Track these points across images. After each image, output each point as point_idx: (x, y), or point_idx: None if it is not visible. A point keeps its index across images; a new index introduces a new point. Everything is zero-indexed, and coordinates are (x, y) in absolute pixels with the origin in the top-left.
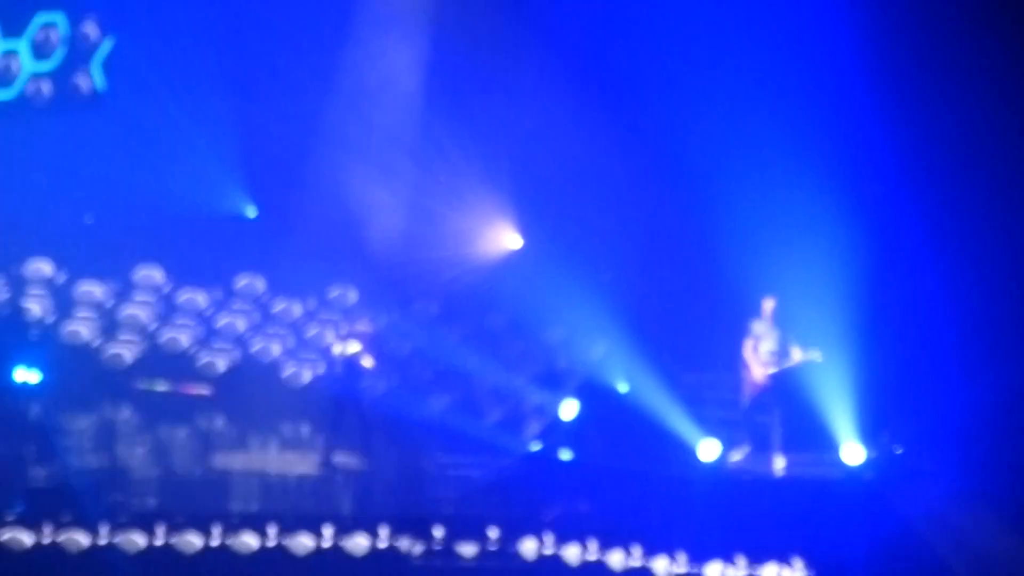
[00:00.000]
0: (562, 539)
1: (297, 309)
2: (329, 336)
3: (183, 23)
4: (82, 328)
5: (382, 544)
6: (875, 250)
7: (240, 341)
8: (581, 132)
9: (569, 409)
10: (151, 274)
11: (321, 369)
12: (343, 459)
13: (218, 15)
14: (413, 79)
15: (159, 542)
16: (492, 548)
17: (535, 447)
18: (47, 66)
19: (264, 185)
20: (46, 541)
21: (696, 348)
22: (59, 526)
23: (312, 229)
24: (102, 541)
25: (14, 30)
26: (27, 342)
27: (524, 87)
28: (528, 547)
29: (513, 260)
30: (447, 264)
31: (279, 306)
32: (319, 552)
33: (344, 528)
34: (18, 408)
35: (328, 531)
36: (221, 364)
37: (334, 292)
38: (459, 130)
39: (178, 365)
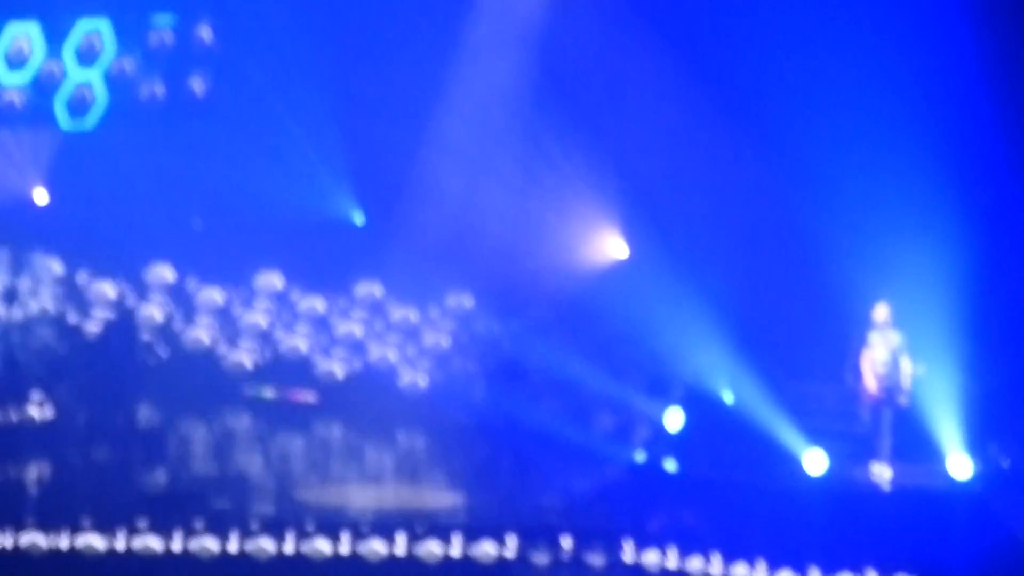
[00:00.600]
0: (665, 550)
1: (413, 316)
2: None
3: (292, 27)
4: (203, 334)
5: (508, 553)
6: (986, 255)
7: (357, 348)
8: (689, 138)
9: (674, 419)
10: (271, 280)
11: (437, 377)
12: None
13: (328, 20)
14: (522, 84)
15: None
16: (598, 559)
17: (640, 457)
18: (159, 70)
19: (372, 191)
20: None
21: (803, 357)
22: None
23: (421, 236)
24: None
25: (128, 34)
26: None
27: (633, 93)
28: (630, 557)
29: (620, 269)
30: (554, 272)
31: (396, 313)
32: (447, 560)
33: (472, 536)
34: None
35: (457, 538)
36: (339, 371)
37: (451, 300)
38: (567, 137)
39: (295, 372)
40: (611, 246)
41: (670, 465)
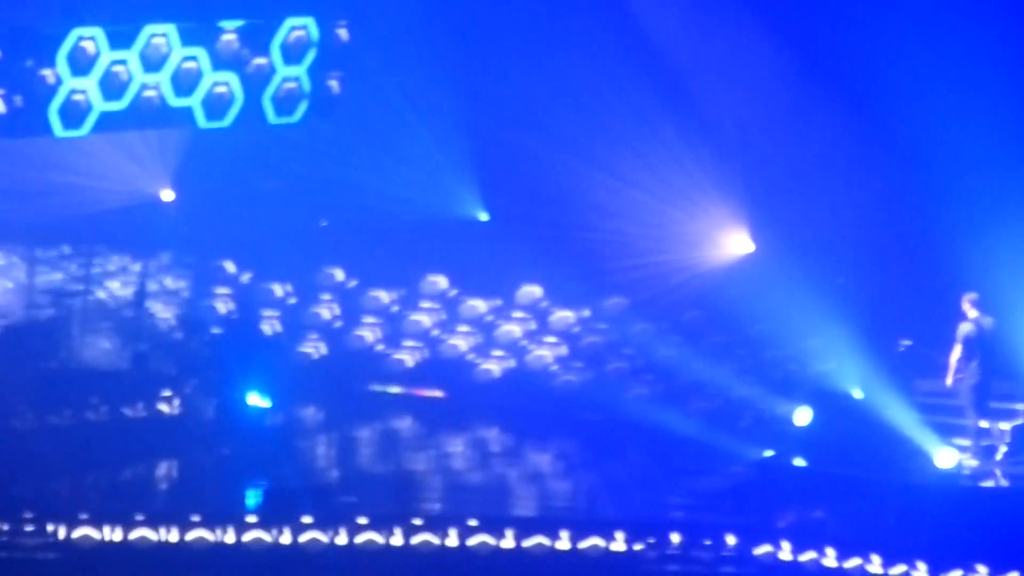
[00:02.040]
0: (798, 546)
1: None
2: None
3: (417, 28)
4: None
5: (617, 547)
6: None
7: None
8: (814, 134)
9: (803, 416)
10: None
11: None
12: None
13: (451, 22)
14: (644, 81)
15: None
16: (727, 553)
17: (769, 454)
18: (297, 71)
19: (497, 190)
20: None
21: (931, 354)
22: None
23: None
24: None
25: (261, 36)
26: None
27: (756, 90)
28: (763, 553)
29: (745, 265)
30: (682, 271)
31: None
32: (554, 554)
33: (581, 532)
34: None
35: (564, 533)
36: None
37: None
38: (691, 133)
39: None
40: (737, 241)
41: (799, 462)
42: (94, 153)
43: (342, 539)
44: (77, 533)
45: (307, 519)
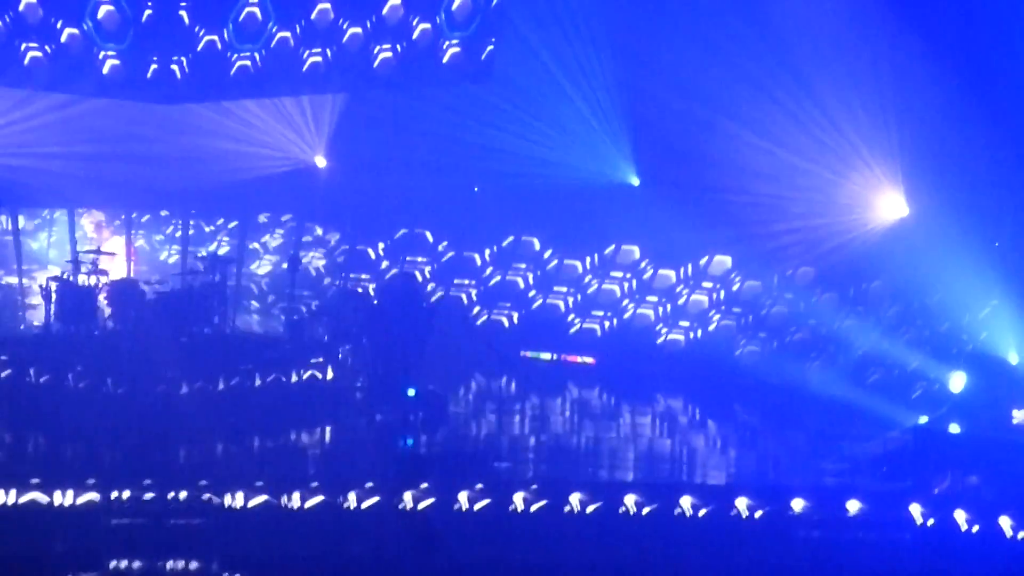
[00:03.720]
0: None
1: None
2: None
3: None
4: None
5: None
6: None
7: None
8: (971, 99)
9: (958, 381)
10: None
11: (697, 335)
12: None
13: None
14: (799, 42)
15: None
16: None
17: (923, 420)
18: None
19: (650, 154)
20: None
21: None
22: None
23: (696, 197)
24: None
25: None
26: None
27: (912, 52)
28: (914, 512)
29: (901, 228)
30: (831, 231)
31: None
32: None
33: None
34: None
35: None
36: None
37: (704, 260)
38: (847, 96)
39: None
40: (893, 204)
41: (954, 428)
42: (249, 120)
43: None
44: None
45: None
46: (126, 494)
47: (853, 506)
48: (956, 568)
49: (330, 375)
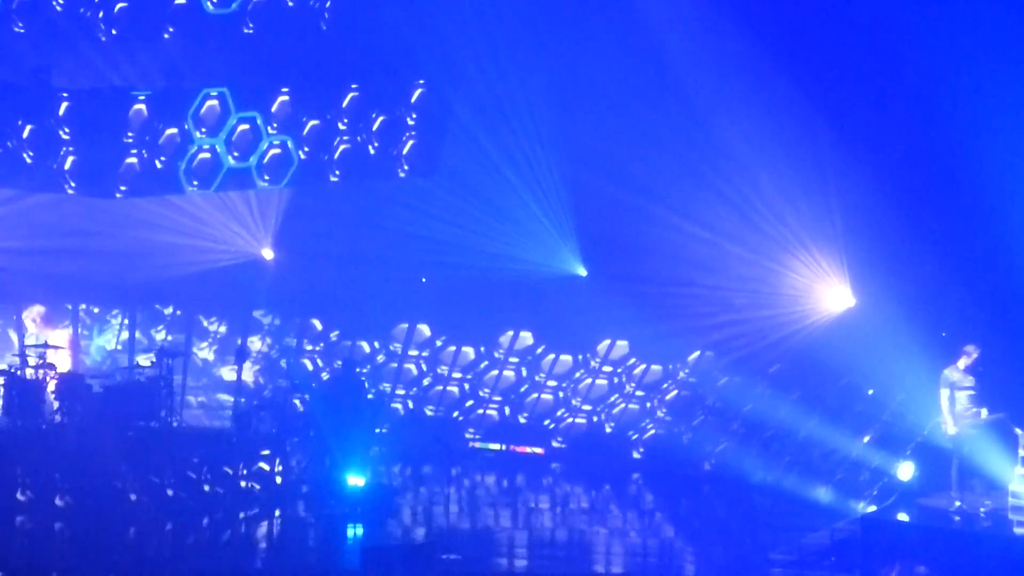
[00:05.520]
0: None
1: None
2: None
3: (514, 86)
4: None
5: None
6: None
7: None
8: (915, 185)
9: (906, 471)
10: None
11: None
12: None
13: (548, 79)
14: (744, 134)
15: None
16: None
17: (870, 509)
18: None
19: (596, 245)
20: None
21: None
22: None
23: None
24: None
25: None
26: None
27: (854, 139)
28: None
29: (847, 319)
30: (782, 324)
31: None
32: None
33: None
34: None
35: None
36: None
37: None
38: (789, 188)
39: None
40: (838, 295)
41: (902, 516)
42: (196, 213)
43: None
44: None
45: None
46: None
47: None
48: None
49: (278, 467)
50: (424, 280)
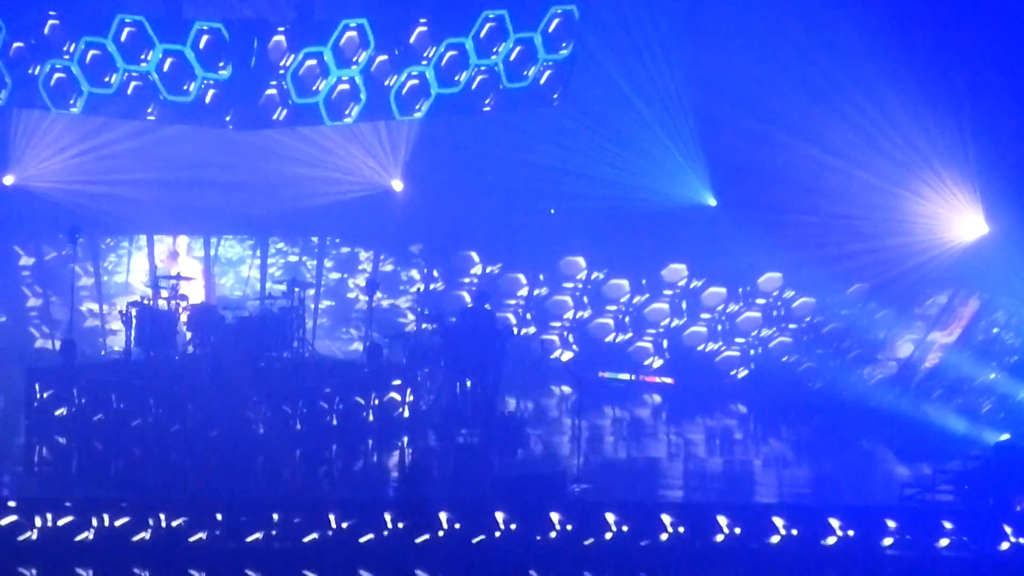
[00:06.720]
0: None
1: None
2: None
3: (645, 14)
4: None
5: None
6: None
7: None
8: None
9: None
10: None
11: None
12: None
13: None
14: (873, 60)
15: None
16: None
17: (1004, 437)
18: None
19: (725, 174)
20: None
21: None
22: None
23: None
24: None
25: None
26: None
27: (988, 64)
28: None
29: (980, 247)
30: (913, 250)
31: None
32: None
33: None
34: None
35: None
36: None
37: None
38: (920, 111)
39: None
40: (971, 223)
41: None
42: (327, 145)
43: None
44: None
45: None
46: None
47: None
48: None
49: (409, 398)
50: (552, 211)
